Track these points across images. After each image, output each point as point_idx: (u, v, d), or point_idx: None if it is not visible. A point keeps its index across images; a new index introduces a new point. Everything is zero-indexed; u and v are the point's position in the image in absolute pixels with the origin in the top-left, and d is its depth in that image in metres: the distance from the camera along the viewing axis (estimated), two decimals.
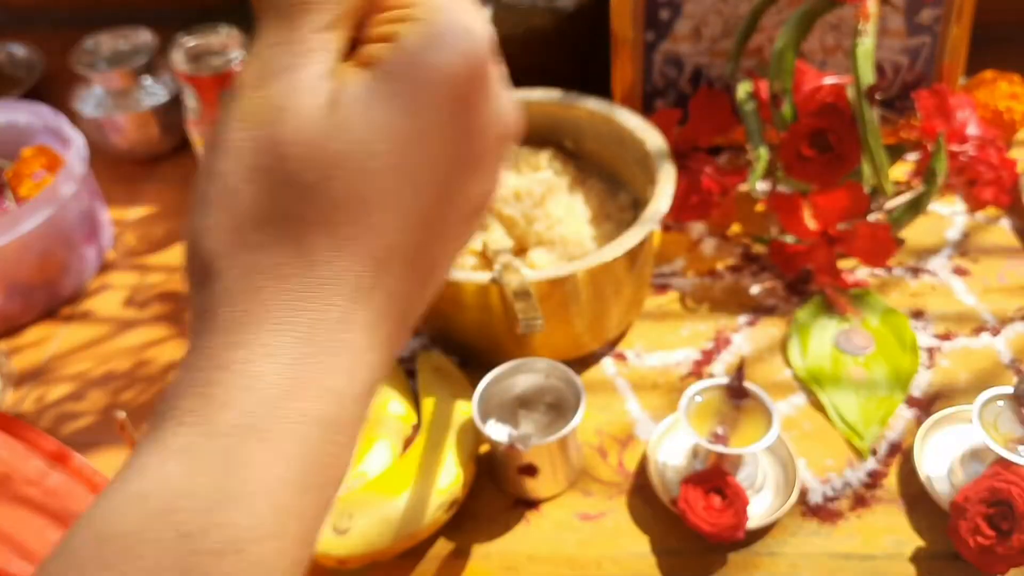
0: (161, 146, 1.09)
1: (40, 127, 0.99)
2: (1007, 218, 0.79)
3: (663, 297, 0.75)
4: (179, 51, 0.92)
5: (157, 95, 1.07)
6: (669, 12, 0.80)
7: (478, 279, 0.62)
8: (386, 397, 0.63)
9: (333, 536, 0.55)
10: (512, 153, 0.75)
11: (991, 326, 0.70)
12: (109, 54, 1.09)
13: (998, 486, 0.56)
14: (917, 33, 0.81)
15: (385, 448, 0.61)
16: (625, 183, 0.74)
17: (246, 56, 0.25)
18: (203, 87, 0.92)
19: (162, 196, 1.07)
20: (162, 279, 0.98)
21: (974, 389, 0.65)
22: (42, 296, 0.92)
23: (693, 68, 0.83)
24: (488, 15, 0.68)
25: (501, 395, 0.63)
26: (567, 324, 0.66)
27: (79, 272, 0.95)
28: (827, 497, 0.61)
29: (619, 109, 0.72)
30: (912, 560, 0.57)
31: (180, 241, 1.00)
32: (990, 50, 0.89)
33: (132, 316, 0.93)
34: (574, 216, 0.70)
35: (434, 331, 0.70)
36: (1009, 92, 0.82)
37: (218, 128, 0.23)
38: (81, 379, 0.87)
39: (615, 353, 0.71)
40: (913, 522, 0.59)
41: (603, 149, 0.74)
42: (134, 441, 0.72)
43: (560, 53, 0.95)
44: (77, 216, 0.93)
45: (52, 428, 0.83)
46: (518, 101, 0.25)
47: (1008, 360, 0.68)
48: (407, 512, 0.56)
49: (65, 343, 0.90)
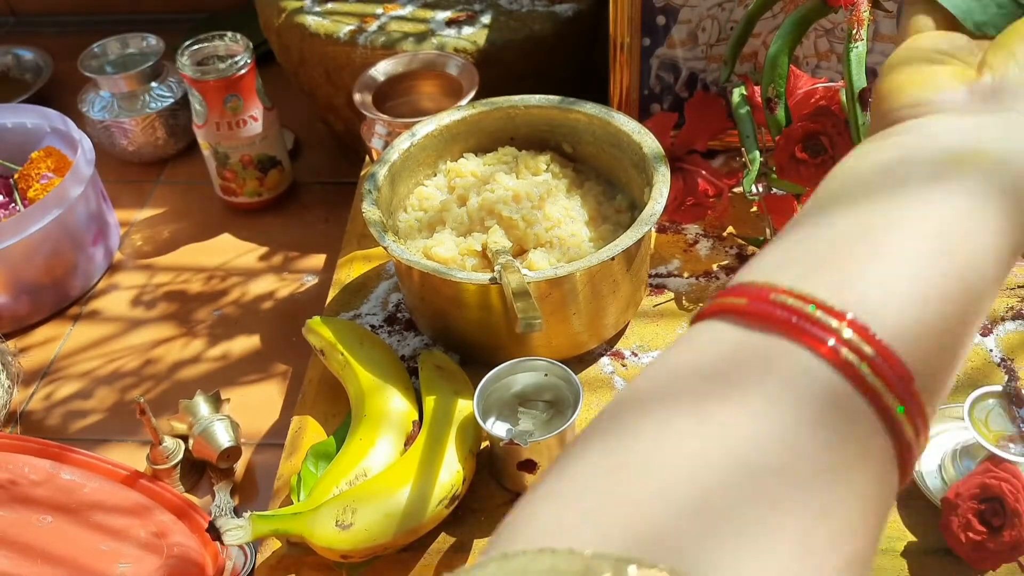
0: (167, 149, 1.11)
1: (48, 130, 1.00)
2: None
3: (659, 297, 0.76)
4: (185, 56, 0.94)
5: (163, 99, 1.09)
6: (665, 18, 0.81)
7: (479, 279, 0.63)
8: (388, 394, 0.65)
9: (336, 530, 0.56)
10: (511, 157, 0.76)
11: (982, 325, 0.72)
12: (116, 58, 1.11)
13: (989, 483, 0.57)
14: None
15: (387, 444, 0.62)
16: (622, 186, 0.75)
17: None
18: (209, 91, 0.94)
19: (169, 198, 1.08)
20: (169, 279, 0.99)
21: (965, 387, 0.66)
22: (50, 296, 0.94)
23: (689, 73, 0.85)
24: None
25: (501, 393, 0.64)
26: (565, 323, 0.67)
27: (87, 272, 0.97)
28: None
29: (616, 113, 0.74)
30: (904, 555, 0.58)
31: (188, 242, 1.02)
32: None
33: (139, 315, 0.94)
34: (572, 218, 0.71)
35: (435, 330, 0.72)
36: None
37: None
38: (89, 377, 0.89)
39: (613, 352, 0.72)
40: (905, 518, 0.60)
41: (601, 152, 0.76)
42: (153, 426, 0.74)
43: (559, 58, 0.97)
44: (84, 217, 0.94)
45: (60, 426, 0.85)
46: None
47: (998, 359, 0.69)
48: (409, 507, 0.57)
49: (73, 342, 0.92)
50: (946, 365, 0.26)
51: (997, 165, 0.27)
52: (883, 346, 0.24)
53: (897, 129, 0.30)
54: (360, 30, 0.94)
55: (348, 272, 0.81)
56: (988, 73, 0.30)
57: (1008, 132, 0.28)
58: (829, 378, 0.23)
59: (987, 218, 0.27)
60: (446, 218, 0.72)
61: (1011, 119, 0.29)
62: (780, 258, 0.27)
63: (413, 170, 0.76)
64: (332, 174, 1.08)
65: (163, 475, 0.77)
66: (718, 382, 0.23)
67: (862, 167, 0.29)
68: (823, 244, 0.26)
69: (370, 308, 0.77)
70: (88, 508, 0.68)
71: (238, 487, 0.78)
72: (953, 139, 0.28)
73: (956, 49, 0.34)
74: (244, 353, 0.89)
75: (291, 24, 0.96)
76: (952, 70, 0.31)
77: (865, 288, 0.25)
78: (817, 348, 0.24)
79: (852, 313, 0.24)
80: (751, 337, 0.24)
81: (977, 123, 0.29)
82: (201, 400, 0.79)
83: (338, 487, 0.59)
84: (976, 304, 0.26)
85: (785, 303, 0.24)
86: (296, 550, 0.59)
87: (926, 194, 0.27)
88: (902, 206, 0.26)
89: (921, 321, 0.25)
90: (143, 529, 0.68)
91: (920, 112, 0.30)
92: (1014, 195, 0.27)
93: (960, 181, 0.27)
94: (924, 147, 0.28)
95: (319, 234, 1.01)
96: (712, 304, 0.26)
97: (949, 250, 0.26)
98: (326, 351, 0.69)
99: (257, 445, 0.81)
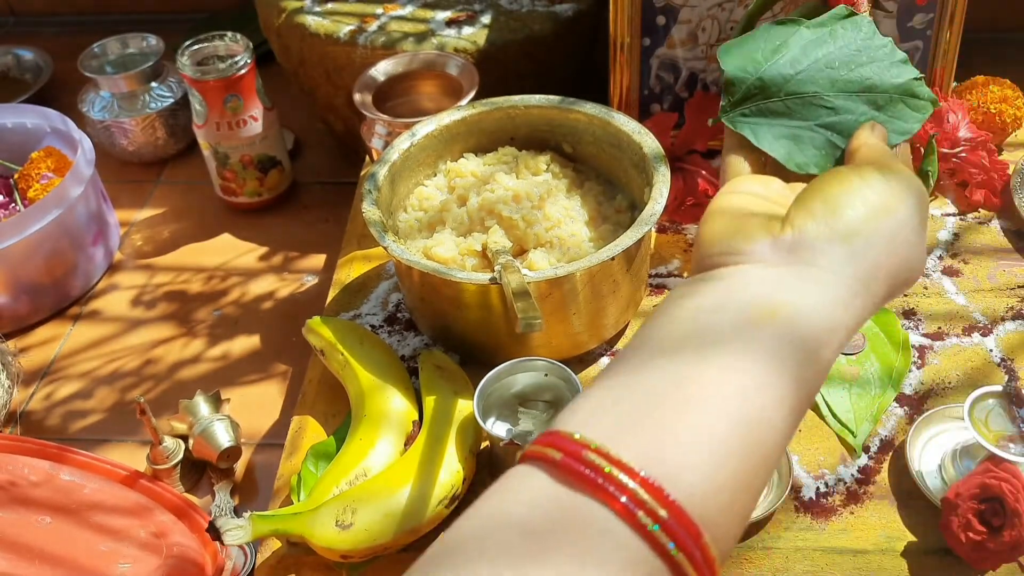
0: (167, 149, 1.11)
1: (48, 130, 1.00)
2: (998, 219, 0.80)
3: (660, 297, 0.76)
4: (185, 56, 0.94)
5: (163, 99, 1.09)
6: (665, 18, 0.81)
7: (478, 279, 0.63)
8: (389, 394, 0.65)
9: (336, 530, 0.56)
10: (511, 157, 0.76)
11: (982, 325, 0.72)
12: (116, 58, 1.11)
13: (989, 483, 0.57)
14: (910, 38, 0.82)
15: (388, 445, 0.62)
16: (622, 186, 0.75)
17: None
18: (209, 91, 0.94)
19: (169, 198, 1.08)
20: (169, 279, 0.99)
21: (965, 387, 0.66)
22: (50, 296, 0.94)
23: (689, 73, 0.85)
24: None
25: (501, 393, 0.64)
26: (566, 323, 0.67)
27: (87, 272, 0.97)
28: (820, 493, 0.62)
29: (616, 113, 0.74)
30: (904, 555, 0.58)
31: (188, 242, 1.02)
32: (982, 54, 0.90)
33: (139, 315, 0.94)
34: (572, 218, 0.71)
35: (435, 330, 0.72)
36: (1000, 96, 0.83)
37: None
38: (89, 377, 0.89)
39: (613, 352, 0.72)
40: (905, 518, 0.60)
41: (601, 152, 0.76)
42: (153, 426, 0.74)
43: (559, 58, 0.97)
44: (84, 217, 0.94)
45: (60, 426, 0.85)
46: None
47: (998, 359, 0.69)
48: (409, 507, 0.57)
49: (73, 342, 0.92)
50: (738, 513, 0.29)
51: (789, 322, 0.32)
52: (676, 507, 0.27)
53: (713, 275, 0.35)
54: (360, 30, 0.94)
55: (348, 272, 0.81)
56: (789, 229, 0.35)
57: (801, 285, 0.33)
58: (627, 539, 0.27)
59: (780, 375, 0.31)
60: (446, 218, 0.72)
61: (805, 273, 0.34)
62: (595, 407, 0.30)
63: (413, 170, 0.76)
64: (332, 174, 1.08)
65: (163, 475, 0.77)
66: (536, 540, 0.26)
67: (680, 315, 0.33)
68: (636, 397, 0.30)
69: (370, 308, 0.77)
70: (88, 509, 0.68)
71: (238, 487, 0.78)
72: (758, 291, 0.33)
73: (772, 194, 0.39)
74: (244, 353, 0.89)
75: (291, 24, 0.96)
76: (762, 222, 0.36)
77: (665, 450, 0.28)
78: (616, 508, 0.27)
79: (648, 473, 0.27)
80: (564, 493, 0.27)
81: (778, 276, 0.34)
82: (201, 400, 0.79)
83: (338, 487, 0.59)
84: (767, 457, 0.30)
85: (592, 462, 0.27)
86: (296, 550, 0.59)
87: (729, 355, 0.31)
88: (707, 366, 0.30)
89: (714, 480, 0.28)
90: (143, 529, 0.68)
91: (733, 261, 0.35)
92: (803, 350, 0.32)
93: (759, 341, 0.31)
94: (733, 298, 0.33)
95: (319, 234, 1.01)
96: (533, 450, 0.29)
97: (745, 413, 0.30)
98: (326, 351, 0.68)
99: (257, 445, 0.81)
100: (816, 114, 0.42)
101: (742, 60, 0.43)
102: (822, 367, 0.33)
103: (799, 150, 0.42)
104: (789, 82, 0.42)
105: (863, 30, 0.43)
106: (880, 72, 0.42)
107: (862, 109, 0.42)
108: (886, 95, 0.42)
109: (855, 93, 0.42)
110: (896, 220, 0.35)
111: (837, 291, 0.33)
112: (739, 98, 0.43)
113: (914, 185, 0.36)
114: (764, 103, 0.42)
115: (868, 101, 0.42)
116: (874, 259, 0.34)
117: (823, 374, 0.33)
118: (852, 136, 0.41)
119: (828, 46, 0.42)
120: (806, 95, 0.42)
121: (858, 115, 0.42)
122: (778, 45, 0.43)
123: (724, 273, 0.34)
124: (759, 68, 0.42)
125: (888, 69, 0.42)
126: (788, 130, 0.42)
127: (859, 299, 0.34)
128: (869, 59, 0.42)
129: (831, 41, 0.42)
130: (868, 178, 0.36)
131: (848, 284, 0.34)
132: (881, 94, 0.42)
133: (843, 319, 0.33)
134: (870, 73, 0.42)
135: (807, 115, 0.42)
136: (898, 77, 0.42)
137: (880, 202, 0.35)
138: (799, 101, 0.42)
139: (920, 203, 0.36)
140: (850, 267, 0.34)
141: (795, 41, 0.42)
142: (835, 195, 0.35)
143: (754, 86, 0.42)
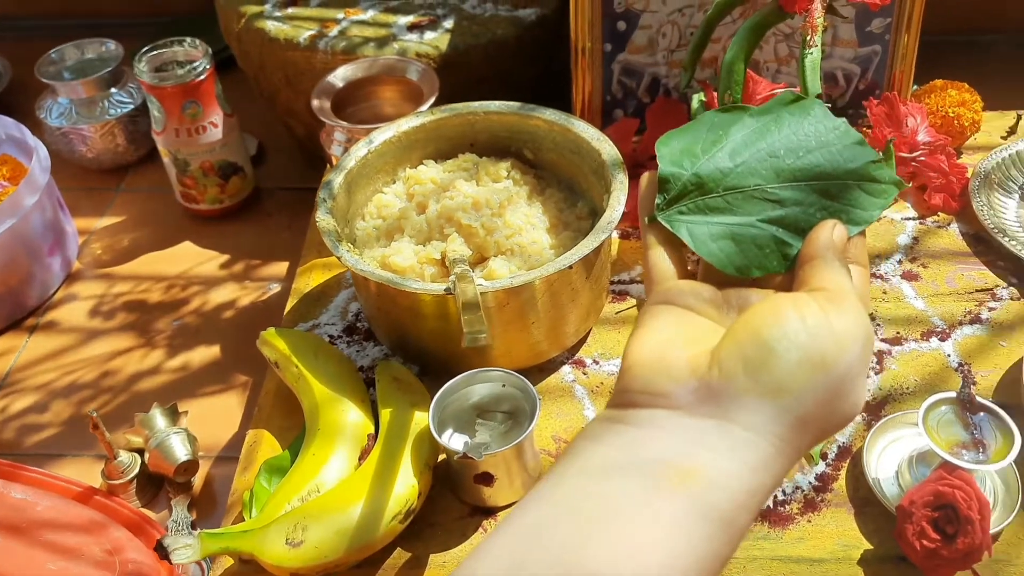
0: (127, 156, 1.09)
1: (2, 137, 0.98)
2: (956, 223, 0.81)
3: (622, 304, 0.76)
4: (143, 62, 0.93)
5: (123, 105, 1.07)
6: (626, 23, 0.81)
7: (434, 289, 0.62)
8: (343, 407, 0.64)
9: (286, 548, 0.55)
10: (471, 163, 0.76)
11: (940, 330, 0.72)
12: (74, 64, 1.09)
13: (942, 490, 0.57)
14: (868, 42, 0.82)
15: (341, 459, 0.61)
16: (583, 192, 0.75)
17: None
18: (167, 97, 0.92)
19: (129, 206, 1.07)
20: (128, 288, 0.98)
21: (923, 392, 0.66)
22: (5, 307, 0.92)
23: (651, 78, 0.84)
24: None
25: (458, 404, 0.64)
26: (525, 332, 0.67)
27: (44, 282, 0.95)
28: (778, 501, 0.62)
29: (576, 119, 0.73)
30: (860, 563, 0.58)
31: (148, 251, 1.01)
32: (940, 58, 0.90)
33: (98, 326, 0.93)
34: (533, 225, 0.71)
35: (394, 341, 0.71)
36: (959, 99, 0.84)
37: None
38: (45, 390, 0.87)
39: (574, 360, 0.72)
40: (861, 525, 0.60)
41: (561, 159, 0.75)
42: (107, 440, 0.72)
43: (522, 63, 0.96)
44: (40, 226, 0.92)
45: (15, 440, 0.83)
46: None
47: (956, 364, 0.69)
48: (361, 523, 0.56)
49: (29, 354, 0.90)
50: None
51: (703, 492, 0.30)
52: None
53: (629, 417, 0.33)
54: (320, 35, 0.93)
55: (308, 281, 0.80)
56: (716, 372, 0.33)
57: (721, 444, 0.32)
58: None
59: (688, 552, 0.30)
60: (405, 226, 0.72)
61: (726, 430, 0.32)
62: (494, 570, 0.29)
63: (371, 177, 0.75)
64: (295, 179, 1.07)
65: (119, 490, 0.75)
66: None
67: (589, 467, 0.32)
68: (537, 569, 0.29)
69: (329, 318, 0.76)
70: (39, 527, 0.67)
71: (196, 501, 0.77)
72: (671, 446, 0.32)
73: (702, 304, 0.37)
74: (204, 364, 0.88)
75: (251, 29, 0.95)
76: (687, 359, 0.33)
77: None
78: None
79: None
80: None
81: (698, 430, 0.32)
82: (157, 413, 0.78)
83: (290, 503, 0.58)
84: None
85: None
86: (249, 567, 0.58)
87: (635, 528, 0.30)
88: (611, 538, 0.29)
89: None
90: (96, 546, 0.67)
91: (652, 403, 0.33)
92: (718, 521, 0.30)
93: (668, 514, 0.30)
94: (645, 454, 0.32)
95: (282, 241, 1.00)
96: None
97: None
98: (280, 363, 0.68)
99: (216, 458, 0.80)
100: (759, 208, 0.38)
101: (679, 154, 0.39)
102: (737, 533, 0.31)
103: (739, 252, 0.38)
104: (728, 176, 0.38)
105: (812, 113, 0.39)
106: (832, 157, 0.38)
107: (811, 199, 0.38)
108: (839, 183, 0.38)
109: (804, 182, 0.38)
110: (833, 376, 0.32)
111: (759, 453, 0.31)
112: (675, 195, 0.39)
113: (860, 329, 0.33)
114: (702, 199, 0.39)
115: (819, 190, 0.38)
116: (803, 414, 0.32)
117: (739, 538, 0.31)
118: (807, 237, 0.37)
119: (772, 134, 0.39)
120: (747, 188, 0.38)
121: (807, 206, 0.38)
122: (719, 135, 0.39)
123: (641, 418, 0.33)
124: (696, 162, 0.39)
125: (841, 153, 0.38)
126: (728, 228, 0.38)
127: (783, 457, 0.32)
128: (819, 144, 0.38)
129: (776, 128, 0.39)
130: (809, 321, 0.33)
131: (772, 443, 0.32)
132: (834, 182, 0.38)
133: (764, 481, 0.32)
134: (820, 159, 0.38)
135: (749, 210, 0.38)
136: (852, 161, 0.38)
137: (818, 354, 0.32)
138: (739, 196, 0.38)
139: (864, 351, 0.33)
140: (777, 426, 0.32)
141: (736, 130, 0.39)
142: (768, 340, 0.32)
143: (690, 182, 0.39)
